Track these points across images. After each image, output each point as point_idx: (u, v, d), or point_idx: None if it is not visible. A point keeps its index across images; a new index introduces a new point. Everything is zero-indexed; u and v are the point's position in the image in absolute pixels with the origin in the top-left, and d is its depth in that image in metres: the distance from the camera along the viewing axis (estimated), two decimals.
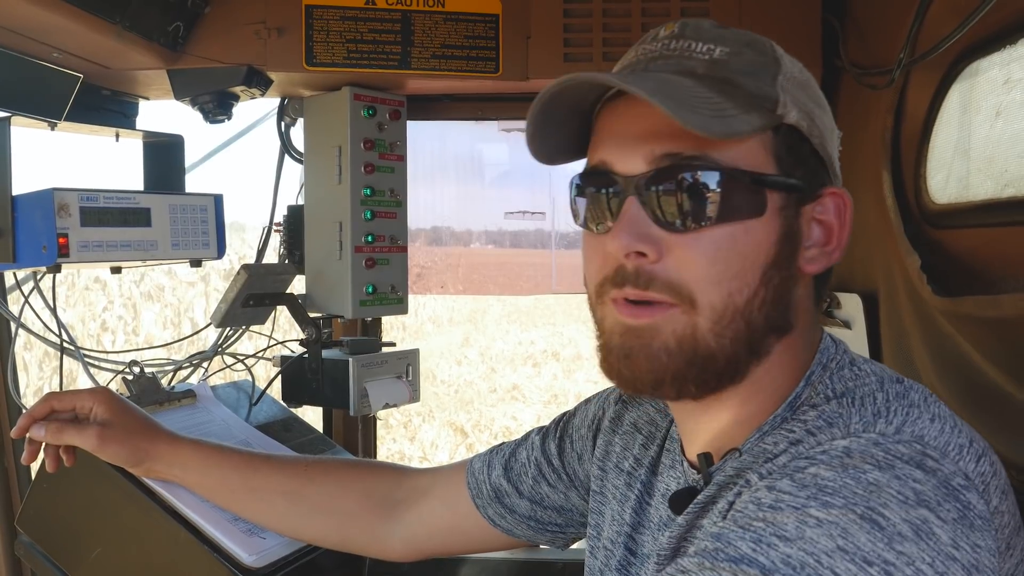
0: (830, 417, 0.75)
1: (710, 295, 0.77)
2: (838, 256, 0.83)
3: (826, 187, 0.83)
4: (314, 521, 1.24)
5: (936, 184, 1.34)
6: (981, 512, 0.64)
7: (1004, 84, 1.18)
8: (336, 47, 1.60)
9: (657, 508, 0.94)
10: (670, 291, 0.77)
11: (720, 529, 0.67)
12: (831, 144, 0.85)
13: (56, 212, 1.37)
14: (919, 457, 0.66)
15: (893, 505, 0.62)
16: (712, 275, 0.77)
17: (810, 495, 0.65)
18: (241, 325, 1.72)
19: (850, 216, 0.83)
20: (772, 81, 0.79)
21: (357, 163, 1.69)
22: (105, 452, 1.20)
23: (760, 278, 0.78)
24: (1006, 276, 1.14)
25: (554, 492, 1.15)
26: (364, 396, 1.68)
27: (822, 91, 0.87)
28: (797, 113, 0.79)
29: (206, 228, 1.62)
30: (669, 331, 0.78)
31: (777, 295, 0.80)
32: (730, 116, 0.74)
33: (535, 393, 10.30)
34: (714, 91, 0.76)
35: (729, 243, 0.77)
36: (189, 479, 1.24)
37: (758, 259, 0.78)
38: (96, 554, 1.26)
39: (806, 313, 0.84)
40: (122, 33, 1.37)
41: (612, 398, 1.10)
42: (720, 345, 0.78)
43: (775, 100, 0.78)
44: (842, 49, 1.55)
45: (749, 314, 0.78)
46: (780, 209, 0.79)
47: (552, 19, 1.63)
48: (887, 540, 0.60)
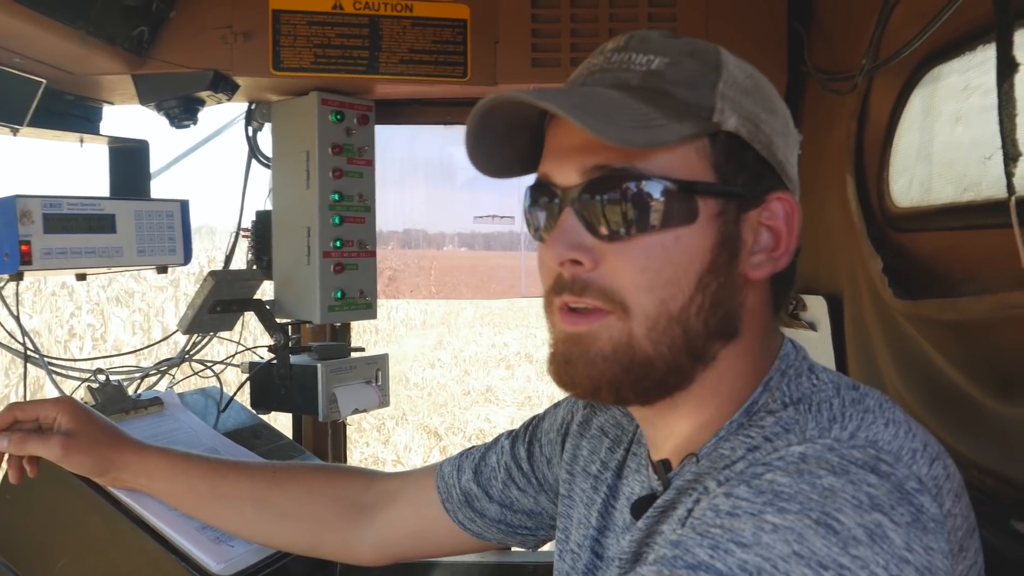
0: (787, 423, 0.76)
1: (643, 302, 0.78)
2: (785, 262, 0.83)
3: (773, 192, 0.82)
4: (283, 527, 1.24)
5: (899, 188, 1.36)
6: (934, 515, 0.65)
7: (964, 90, 1.20)
8: (303, 52, 1.59)
9: (622, 512, 0.95)
10: (604, 298, 0.79)
11: (679, 536, 0.68)
12: (784, 148, 0.84)
13: (18, 219, 1.36)
14: (873, 462, 0.67)
15: (848, 510, 0.63)
16: (643, 282, 0.78)
17: (766, 501, 0.66)
18: (209, 331, 1.70)
19: (798, 221, 0.82)
20: (711, 89, 0.79)
21: (325, 168, 1.68)
22: (70, 462, 1.19)
23: (695, 285, 0.79)
24: (966, 279, 1.16)
25: (524, 496, 1.15)
26: (333, 402, 1.67)
27: (787, 96, 0.88)
28: (737, 120, 0.79)
29: (172, 234, 1.61)
30: (606, 337, 0.79)
31: (716, 301, 0.80)
32: (657, 126, 0.75)
33: (508, 395, 10.30)
34: (644, 102, 0.78)
35: (660, 251, 0.78)
36: (156, 487, 1.23)
37: (692, 266, 0.79)
38: (61, 565, 1.25)
39: (758, 318, 0.85)
40: (85, 38, 1.36)
41: (581, 403, 1.11)
42: (658, 352, 0.79)
43: (711, 108, 0.79)
44: (807, 55, 1.57)
45: (685, 320, 0.79)
46: (716, 216, 0.79)
47: (520, 24, 1.64)
48: (842, 544, 0.61)
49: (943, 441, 1.12)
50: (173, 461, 1.24)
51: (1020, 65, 0.96)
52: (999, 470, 1.08)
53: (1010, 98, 0.96)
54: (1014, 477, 1.06)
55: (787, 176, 0.84)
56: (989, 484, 1.09)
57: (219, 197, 8.12)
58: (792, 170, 0.85)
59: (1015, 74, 0.96)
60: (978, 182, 1.14)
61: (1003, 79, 0.97)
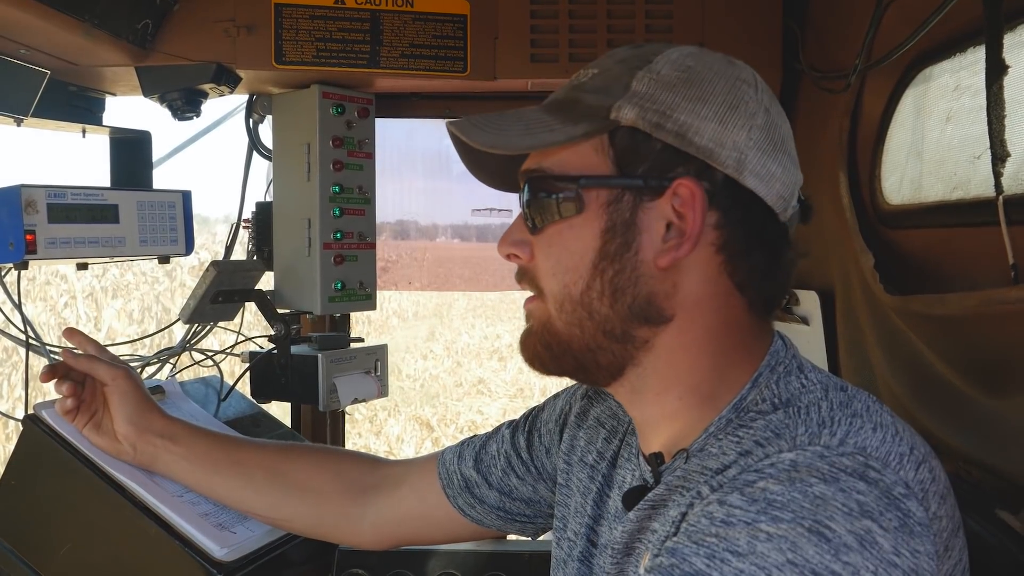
0: (777, 428, 0.77)
1: (550, 285, 0.89)
2: (687, 249, 0.82)
3: (680, 179, 0.82)
4: (290, 499, 1.27)
5: (890, 185, 1.38)
6: (920, 519, 0.68)
7: (954, 90, 1.22)
8: (305, 46, 1.61)
9: (615, 500, 0.97)
10: (531, 284, 0.92)
11: (675, 544, 0.71)
12: (718, 133, 0.81)
13: (23, 209, 1.37)
14: (862, 469, 0.69)
15: (838, 517, 0.66)
16: (547, 268, 0.89)
17: (760, 510, 0.68)
18: (210, 321, 1.72)
19: (700, 206, 0.81)
20: (623, 89, 0.84)
21: (326, 160, 1.70)
22: (120, 388, 1.26)
23: (591, 270, 0.85)
24: (955, 275, 1.18)
25: (523, 484, 1.18)
26: (333, 391, 1.69)
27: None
28: (637, 113, 0.82)
29: (174, 224, 1.63)
30: (536, 317, 0.92)
31: (617, 286, 0.84)
32: (546, 131, 0.85)
33: (501, 387, 10.31)
34: (551, 112, 0.88)
35: (556, 240, 0.88)
36: (177, 450, 1.26)
37: (586, 254, 0.85)
38: (66, 550, 1.26)
39: (709, 307, 0.85)
40: (90, 30, 1.37)
41: (579, 393, 1.13)
42: (570, 332, 0.88)
43: (608, 107, 0.83)
44: (801, 53, 1.59)
45: (588, 304, 0.86)
46: (606, 205, 0.84)
47: (519, 20, 1.65)
48: (834, 552, 0.64)
49: (931, 433, 1.16)
50: (194, 429, 1.30)
51: (1009, 67, 0.98)
52: (985, 461, 1.10)
53: (999, 99, 0.99)
54: (999, 468, 1.08)
55: (717, 161, 0.81)
56: (975, 475, 1.11)
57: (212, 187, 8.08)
58: (730, 153, 0.82)
59: (1004, 76, 0.98)
60: (967, 181, 1.17)
61: (992, 80, 0.99)
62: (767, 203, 0.84)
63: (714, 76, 0.84)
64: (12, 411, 5.83)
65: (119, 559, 1.25)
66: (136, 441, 1.25)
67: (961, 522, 0.76)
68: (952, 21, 1.13)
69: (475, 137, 0.86)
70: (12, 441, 1.32)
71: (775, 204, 0.84)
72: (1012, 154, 0.98)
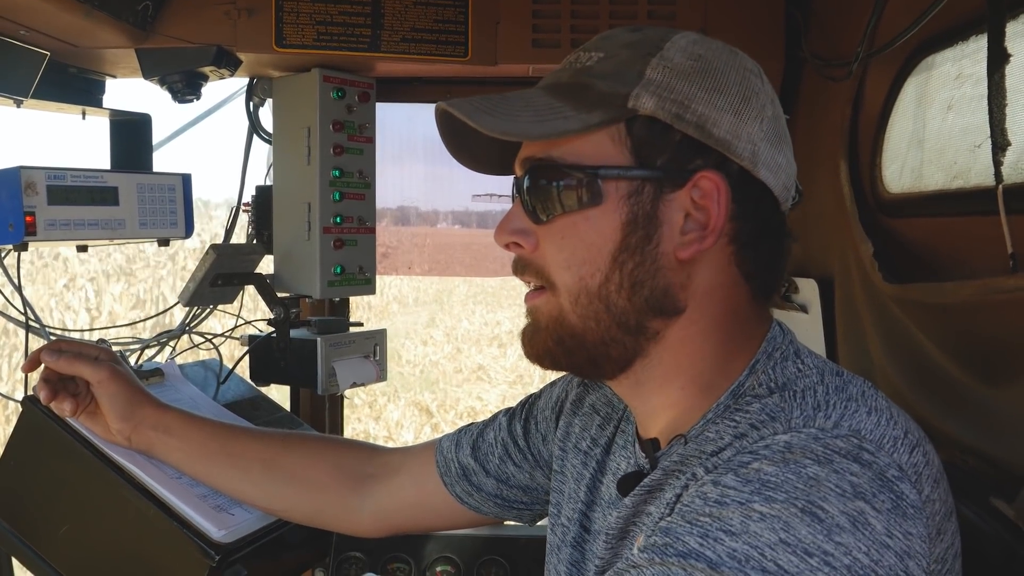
0: (772, 411, 0.78)
1: (564, 278, 0.86)
2: (711, 242, 0.82)
3: (702, 171, 0.81)
4: (287, 490, 1.27)
5: (890, 174, 1.38)
6: (913, 501, 0.68)
7: (956, 79, 1.22)
8: (306, 29, 1.60)
9: (608, 487, 0.98)
10: (537, 276, 0.89)
11: (668, 524, 0.71)
12: (735, 125, 0.82)
13: (23, 190, 1.37)
14: (856, 451, 0.70)
15: (832, 498, 0.66)
16: (561, 260, 0.86)
17: (754, 490, 0.68)
18: (209, 304, 1.72)
19: (724, 198, 0.81)
20: (637, 77, 0.82)
21: (326, 145, 1.70)
22: (107, 389, 1.23)
23: (610, 263, 0.84)
24: (954, 264, 1.19)
25: (520, 471, 1.18)
26: (332, 375, 1.69)
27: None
28: (656, 103, 0.81)
29: (174, 207, 1.63)
30: (545, 312, 0.88)
31: (636, 279, 0.83)
32: (560, 118, 0.82)
33: (500, 374, 10.34)
34: (559, 97, 0.85)
35: (572, 231, 0.85)
36: (171, 442, 1.26)
37: (605, 245, 0.84)
38: (64, 531, 1.27)
39: (719, 298, 0.85)
40: (90, 12, 1.36)
41: (576, 381, 1.14)
42: (586, 325, 0.86)
43: (625, 95, 0.81)
44: (804, 41, 1.59)
45: (606, 296, 0.84)
46: (626, 197, 0.82)
47: (521, 5, 1.65)
48: (826, 532, 0.64)
49: (928, 421, 1.16)
50: (189, 419, 1.28)
51: (1011, 56, 0.98)
52: (980, 449, 1.11)
53: (1000, 88, 0.99)
54: (994, 456, 1.08)
55: (734, 154, 0.82)
56: (971, 463, 1.12)
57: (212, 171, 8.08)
58: (745, 145, 0.82)
59: (1006, 65, 0.98)
60: (967, 170, 1.17)
61: (994, 69, 0.99)
62: (774, 194, 0.85)
63: (725, 66, 0.84)
64: (12, 392, 5.85)
65: (118, 540, 1.26)
66: (131, 435, 1.25)
67: (954, 507, 0.77)
68: (954, 10, 1.13)
69: (483, 122, 0.82)
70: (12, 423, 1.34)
71: (780, 194, 0.86)
72: (1012, 143, 0.98)
